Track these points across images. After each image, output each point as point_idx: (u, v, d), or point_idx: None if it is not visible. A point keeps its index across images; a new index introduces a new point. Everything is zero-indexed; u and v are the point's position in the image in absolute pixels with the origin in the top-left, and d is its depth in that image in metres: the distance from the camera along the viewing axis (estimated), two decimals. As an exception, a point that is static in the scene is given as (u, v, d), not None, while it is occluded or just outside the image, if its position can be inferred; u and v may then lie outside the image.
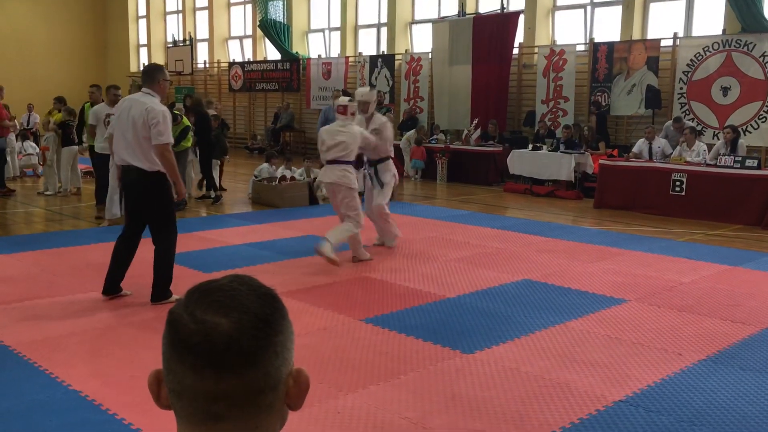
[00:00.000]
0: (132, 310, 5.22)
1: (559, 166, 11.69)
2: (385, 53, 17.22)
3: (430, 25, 16.08)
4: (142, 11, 25.60)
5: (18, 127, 13.41)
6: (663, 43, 12.56)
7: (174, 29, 24.26)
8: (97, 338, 4.60)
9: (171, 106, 10.46)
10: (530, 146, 12.54)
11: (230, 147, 12.95)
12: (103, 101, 9.28)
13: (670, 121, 11.49)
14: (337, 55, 18.65)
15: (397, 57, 16.77)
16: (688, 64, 12.17)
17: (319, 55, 19.16)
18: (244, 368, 0.84)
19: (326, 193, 7.15)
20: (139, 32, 26.06)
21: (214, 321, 0.83)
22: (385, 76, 16.90)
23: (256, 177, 10.99)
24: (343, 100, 7.06)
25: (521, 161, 12.34)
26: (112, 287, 5.48)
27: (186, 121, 10.44)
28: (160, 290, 5.37)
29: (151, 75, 5.30)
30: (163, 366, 0.88)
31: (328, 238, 6.46)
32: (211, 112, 11.77)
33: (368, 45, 18.41)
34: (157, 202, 5.28)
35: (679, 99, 12.25)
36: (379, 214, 7.27)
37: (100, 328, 4.81)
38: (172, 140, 5.31)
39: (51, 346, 4.41)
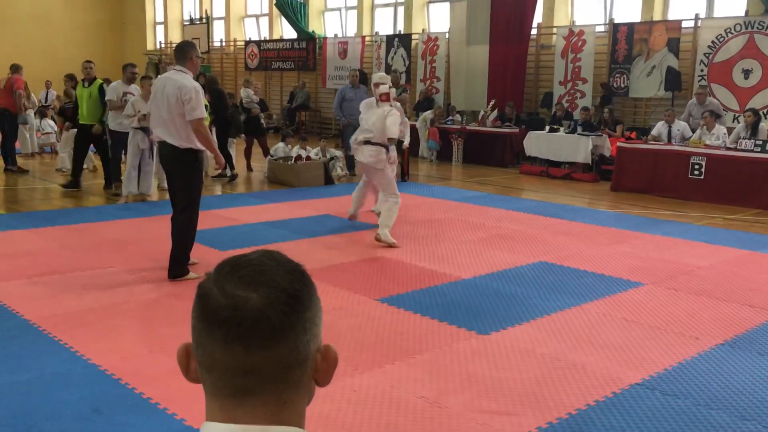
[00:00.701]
0: (150, 286, 5.27)
1: (576, 148, 11.60)
2: (402, 33, 17.10)
3: (447, 4, 15.93)
4: (159, -11, 25.55)
5: (36, 104, 13.45)
6: (684, 24, 12.38)
7: (191, 7, 24.20)
8: (115, 313, 4.65)
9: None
10: (547, 128, 12.45)
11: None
12: (95, 77, 9.35)
13: (692, 101, 11.26)
14: (353, 35, 18.54)
15: (413, 37, 16.65)
16: (709, 46, 11.99)
17: (336, 35, 19.06)
18: (273, 342, 0.84)
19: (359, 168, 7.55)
20: (156, 10, 26.03)
21: (244, 295, 0.83)
22: (402, 56, 16.79)
23: (271, 156, 11.00)
24: (384, 87, 7.24)
25: (538, 143, 12.26)
26: (179, 270, 5.50)
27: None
28: (178, 267, 5.43)
29: (184, 52, 5.40)
30: (193, 339, 0.88)
31: (383, 224, 6.80)
32: (250, 91, 11.90)
33: (385, 24, 18.28)
34: (185, 180, 5.36)
35: (699, 81, 12.08)
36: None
37: (119, 303, 4.86)
38: (205, 115, 5.41)
39: (70, 321, 4.47)
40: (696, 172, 9.73)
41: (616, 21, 13.29)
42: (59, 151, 11.64)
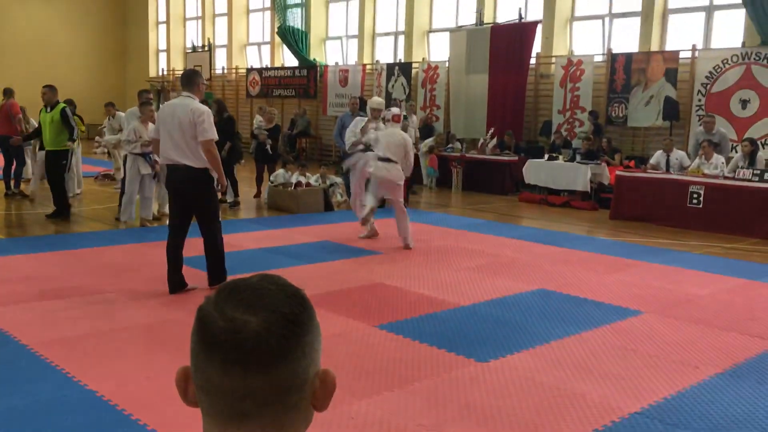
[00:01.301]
0: (148, 312, 5.25)
1: (575, 176, 11.65)
2: (402, 61, 17.27)
3: (447, 33, 16.11)
4: (162, 17, 25.86)
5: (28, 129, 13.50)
6: (682, 54, 12.50)
7: (193, 35, 24.47)
8: (113, 339, 4.63)
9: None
10: (546, 156, 12.51)
11: (246, 152, 13.00)
12: (58, 101, 9.33)
13: (699, 128, 11.26)
14: (354, 63, 18.72)
15: (414, 65, 16.80)
16: (706, 77, 12.11)
17: (337, 63, 19.24)
18: (272, 367, 0.84)
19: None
20: (159, 38, 26.32)
21: (244, 319, 0.84)
22: (402, 84, 16.93)
23: (272, 182, 11.03)
24: (396, 110, 8.39)
25: (537, 171, 12.31)
26: (177, 284, 5.76)
27: None
28: (217, 274, 5.81)
29: (191, 79, 5.73)
30: (192, 363, 0.88)
31: (409, 242, 7.90)
32: (260, 118, 11.98)
33: (385, 53, 18.46)
34: (205, 196, 5.70)
35: (697, 111, 12.18)
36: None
37: (117, 329, 4.84)
38: (216, 136, 5.64)
39: (67, 346, 4.45)
40: (695, 201, 9.75)
41: (614, 51, 13.42)
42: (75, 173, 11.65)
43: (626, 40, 13.79)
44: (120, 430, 3.35)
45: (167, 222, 5.97)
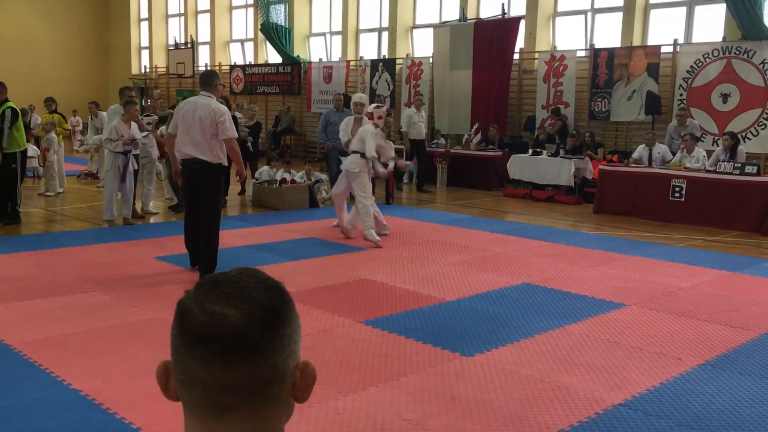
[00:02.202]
0: (132, 311, 5.23)
1: (559, 171, 11.71)
2: (386, 57, 17.26)
3: (431, 29, 16.12)
4: (144, 14, 25.67)
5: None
6: (663, 49, 12.59)
7: (176, 32, 24.31)
8: (97, 338, 4.61)
9: (173, 108, 10.47)
10: (530, 151, 12.57)
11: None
12: (7, 100, 8.61)
13: (673, 123, 11.46)
14: (338, 59, 18.68)
15: (398, 61, 16.80)
16: (688, 71, 12.20)
17: (321, 59, 19.20)
18: (252, 359, 0.84)
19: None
20: (141, 35, 26.12)
21: (223, 312, 0.84)
22: (386, 80, 16.93)
23: (256, 180, 11.01)
24: (371, 107, 8.58)
25: (521, 166, 12.36)
26: (197, 260, 6.28)
27: None
28: (208, 265, 6.09)
29: (209, 80, 6.17)
30: (172, 357, 0.89)
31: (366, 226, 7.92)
32: (238, 115, 11.73)
33: (369, 49, 18.44)
34: (215, 189, 6.09)
35: (679, 105, 12.27)
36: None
37: (101, 327, 4.82)
38: (237, 134, 6.25)
39: (51, 346, 4.42)
40: (677, 195, 9.85)
41: (597, 46, 13.50)
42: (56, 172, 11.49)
43: (608, 35, 13.87)
44: (105, 429, 3.34)
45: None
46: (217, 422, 0.86)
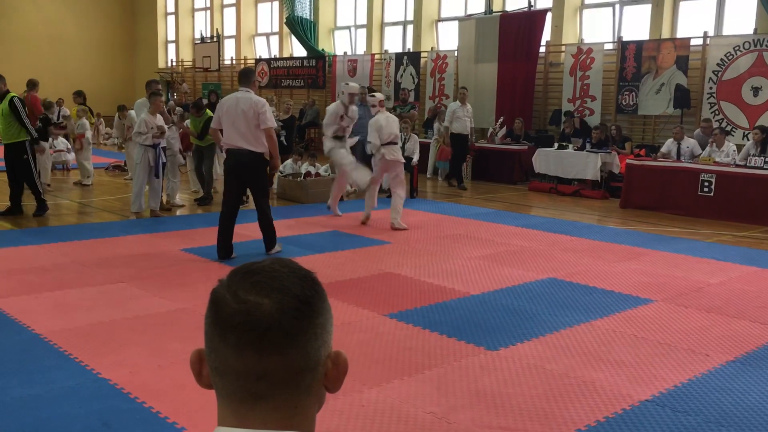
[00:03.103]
0: (159, 301, 5.29)
1: (585, 165, 11.60)
2: (411, 51, 17.21)
3: (456, 22, 16.04)
4: (171, 8, 25.86)
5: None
6: (693, 42, 12.39)
7: (202, 26, 24.47)
8: (125, 328, 4.67)
9: (198, 101, 10.55)
10: (556, 145, 12.46)
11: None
12: (8, 91, 8.66)
13: (698, 130, 11.32)
14: (362, 53, 18.67)
15: (422, 55, 16.75)
16: (718, 64, 12.00)
17: (345, 52, 19.20)
18: (285, 348, 0.85)
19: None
20: (168, 29, 26.33)
21: (257, 301, 0.85)
22: (411, 74, 16.88)
23: (281, 173, 11.05)
24: (380, 95, 9.13)
25: (546, 160, 12.26)
26: (227, 252, 6.63)
27: (209, 113, 10.48)
28: (270, 242, 6.78)
29: (248, 77, 6.62)
30: (206, 345, 0.89)
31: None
32: (272, 109, 11.86)
33: (394, 42, 18.41)
34: (262, 176, 6.60)
35: (708, 99, 12.09)
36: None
37: (129, 318, 4.88)
38: (276, 124, 6.69)
39: (81, 335, 4.49)
40: (705, 190, 9.70)
41: (625, 39, 13.33)
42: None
43: (637, 27, 13.69)
44: (134, 418, 3.39)
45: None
46: (250, 411, 0.86)
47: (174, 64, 25.34)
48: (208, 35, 23.41)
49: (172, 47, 26.03)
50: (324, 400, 0.93)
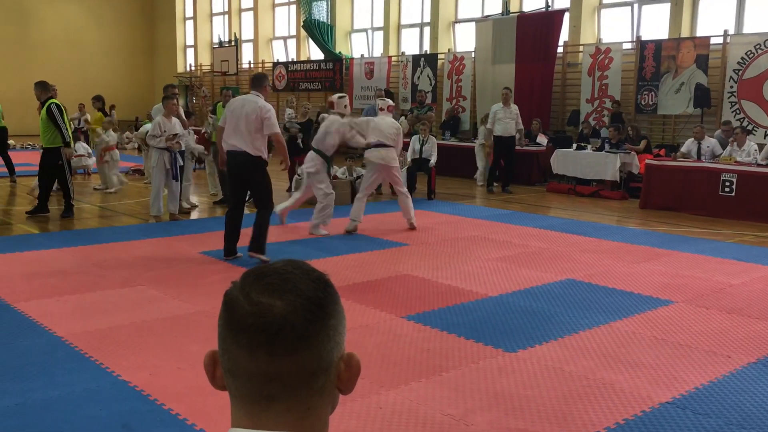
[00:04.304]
0: (178, 304, 5.33)
1: (604, 165, 11.52)
2: (428, 53, 17.20)
3: (473, 24, 16.01)
4: (189, 12, 26.08)
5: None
6: (713, 40, 12.28)
7: (220, 30, 24.64)
8: (145, 330, 4.71)
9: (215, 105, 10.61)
10: (574, 146, 12.39)
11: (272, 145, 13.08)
12: (50, 97, 9.06)
13: (719, 131, 11.19)
14: (379, 55, 18.70)
15: (439, 56, 16.73)
16: (738, 62, 11.87)
17: (362, 55, 19.23)
18: (297, 350, 0.85)
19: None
20: (186, 33, 26.54)
21: (269, 303, 0.85)
22: (428, 76, 16.87)
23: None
24: (389, 101, 9.02)
25: (565, 161, 12.20)
26: (230, 251, 6.71)
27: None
28: (258, 244, 6.58)
29: (260, 81, 6.69)
30: (219, 346, 0.90)
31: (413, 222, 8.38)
32: (291, 111, 11.98)
33: (411, 44, 18.41)
34: (259, 178, 6.55)
35: (729, 98, 11.96)
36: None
37: (148, 320, 4.92)
38: (279, 129, 6.72)
39: (101, 338, 4.53)
40: (727, 189, 9.59)
41: (644, 38, 13.23)
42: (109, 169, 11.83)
43: (656, 26, 13.58)
44: (154, 420, 3.41)
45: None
46: (263, 412, 0.87)
47: (192, 68, 25.53)
48: (226, 39, 23.56)
49: (190, 52, 26.24)
50: (337, 402, 0.93)
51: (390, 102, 8.96)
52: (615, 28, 14.40)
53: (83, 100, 17.92)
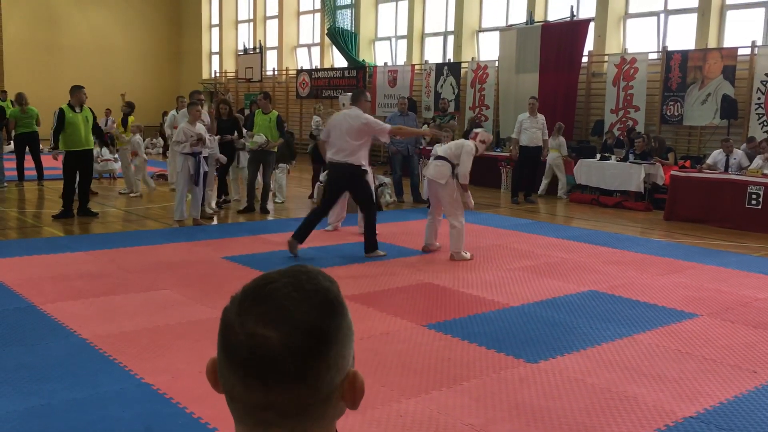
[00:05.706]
0: (201, 308, 5.37)
1: (629, 176, 11.43)
2: (451, 61, 17.21)
3: (497, 33, 16.00)
4: (215, 20, 26.34)
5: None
6: (740, 51, 12.15)
7: (245, 37, 24.86)
8: (167, 334, 4.75)
9: (240, 112, 10.69)
10: (598, 156, 12.30)
11: (296, 152, 13.15)
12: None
13: (744, 145, 11.06)
14: (403, 63, 18.74)
15: (463, 65, 16.73)
16: (766, 74, 11.73)
17: (386, 63, 19.29)
18: (292, 384, 0.83)
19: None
20: (212, 40, 26.81)
21: (263, 334, 0.82)
22: (451, 84, 16.88)
23: (321, 182, 11.12)
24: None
25: (588, 171, 12.12)
26: (301, 238, 7.23)
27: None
28: (369, 244, 7.31)
29: (357, 97, 7.44)
30: (218, 366, 0.88)
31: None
32: (318, 119, 12.07)
33: (434, 53, 18.43)
34: (360, 186, 7.29)
35: (756, 110, 11.82)
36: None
37: (171, 324, 4.97)
38: (388, 127, 7.46)
39: (125, 340, 4.58)
40: (753, 202, 9.47)
41: (670, 49, 13.12)
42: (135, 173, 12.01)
43: (682, 37, 13.46)
44: (175, 422, 3.44)
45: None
46: None
47: (218, 75, 25.78)
48: (251, 47, 23.77)
49: (215, 58, 26.49)
50: (343, 412, 0.90)
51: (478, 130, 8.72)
52: (640, 38, 14.30)
53: (111, 106, 18.18)
